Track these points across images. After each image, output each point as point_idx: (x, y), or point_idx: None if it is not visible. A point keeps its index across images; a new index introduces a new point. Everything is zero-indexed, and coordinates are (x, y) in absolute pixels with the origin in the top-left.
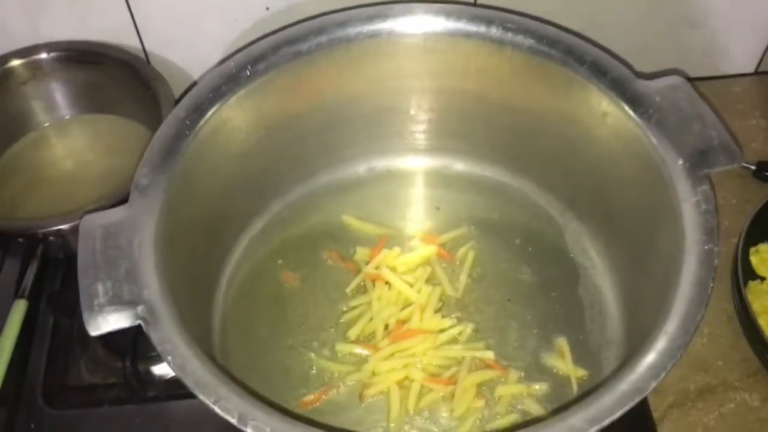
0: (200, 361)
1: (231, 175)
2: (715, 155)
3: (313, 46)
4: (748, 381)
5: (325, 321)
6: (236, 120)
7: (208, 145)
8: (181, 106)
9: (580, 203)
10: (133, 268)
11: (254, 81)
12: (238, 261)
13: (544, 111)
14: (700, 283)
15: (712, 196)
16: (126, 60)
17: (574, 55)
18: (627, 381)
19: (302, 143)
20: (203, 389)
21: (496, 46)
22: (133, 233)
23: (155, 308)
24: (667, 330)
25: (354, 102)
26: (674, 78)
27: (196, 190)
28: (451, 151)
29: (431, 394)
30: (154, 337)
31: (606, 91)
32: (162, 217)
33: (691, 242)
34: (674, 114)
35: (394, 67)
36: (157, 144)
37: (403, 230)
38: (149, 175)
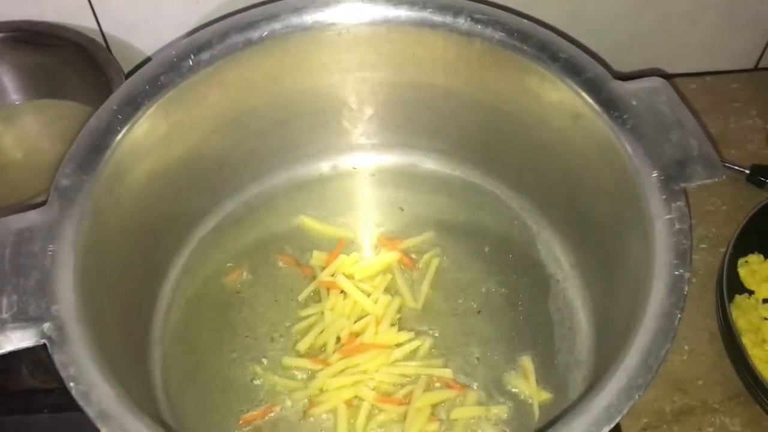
0: (110, 387)
1: (174, 174)
2: (694, 167)
3: (264, 34)
4: (729, 404)
5: (274, 331)
6: (178, 114)
7: (144, 142)
8: (113, 98)
9: (554, 210)
10: (44, 280)
11: (198, 71)
12: (185, 265)
13: (516, 110)
14: (666, 314)
15: (687, 214)
16: (79, 42)
17: (548, 51)
18: (578, 423)
19: (257, 139)
20: (106, 422)
21: (465, 39)
22: (48, 240)
23: (64, 326)
24: (627, 366)
25: (312, 95)
26: (654, 79)
27: (130, 190)
28: (421, 149)
29: (382, 415)
30: (57, 359)
31: (579, 91)
32: (85, 223)
33: (661, 265)
34: (652, 119)
35: (355, 59)
36: (84, 140)
37: (365, 233)
38: (72, 175)
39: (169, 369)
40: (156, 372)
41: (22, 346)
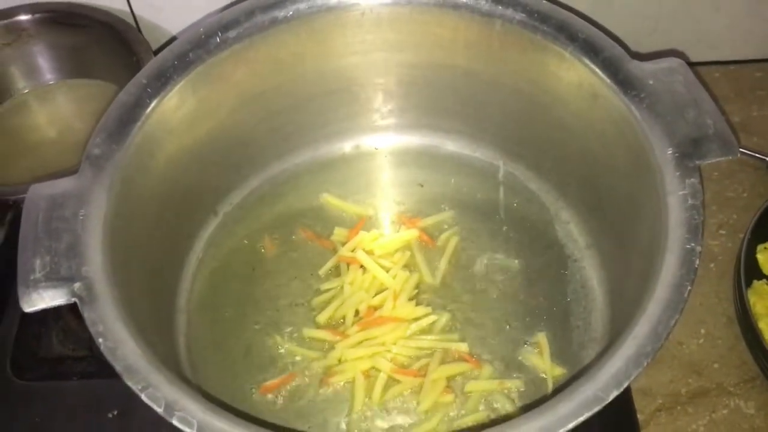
0: (135, 345)
1: (201, 149)
2: (709, 145)
3: (290, 14)
4: (744, 387)
5: (295, 304)
6: (205, 90)
7: (173, 116)
8: (143, 73)
9: (572, 191)
10: (75, 243)
11: (225, 49)
12: (209, 238)
13: (535, 91)
14: (677, 285)
15: (700, 190)
16: (110, 23)
17: (566, 31)
18: (586, 388)
19: (282, 117)
20: (132, 376)
21: (486, 20)
22: (79, 205)
23: (94, 286)
24: (637, 334)
25: (336, 75)
26: (672, 60)
27: (158, 163)
28: (443, 130)
29: (398, 386)
30: (87, 316)
31: (597, 71)
32: (115, 190)
33: (674, 239)
34: (668, 98)
35: (378, 39)
36: (115, 112)
37: (385, 212)
38: (103, 145)
39: (193, 336)
40: (180, 339)
41: (54, 304)
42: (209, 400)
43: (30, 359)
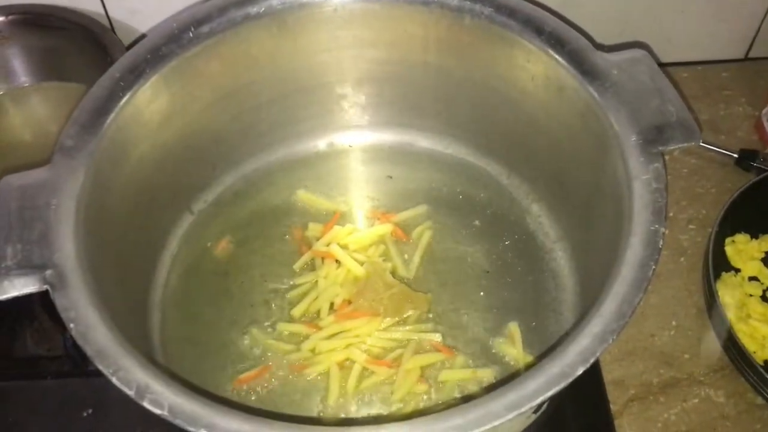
0: (107, 329)
1: (174, 145)
2: (671, 132)
3: (262, 9)
4: (714, 376)
5: (270, 299)
6: (178, 85)
7: (146, 110)
8: (116, 67)
9: (542, 184)
10: (47, 231)
11: (198, 44)
12: (184, 235)
13: (504, 86)
14: (641, 265)
15: (663, 175)
16: (86, 26)
17: (533, 25)
18: (554, 365)
19: (256, 113)
20: (103, 359)
21: (455, 15)
22: (51, 195)
23: (65, 273)
24: (602, 313)
25: (309, 72)
26: (636, 51)
27: (131, 157)
28: (415, 127)
29: (373, 377)
30: (58, 303)
31: (563, 62)
32: (87, 181)
33: (638, 222)
34: (632, 88)
35: (350, 35)
36: (88, 104)
37: (359, 207)
38: (75, 136)
39: (168, 332)
40: (155, 334)
41: (26, 292)
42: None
43: (4, 359)
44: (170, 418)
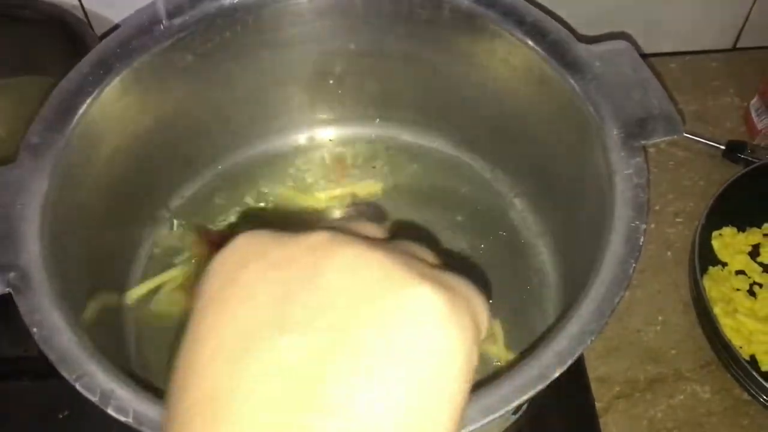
0: (72, 334)
1: (148, 139)
2: (654, 125)
3: (236, 1)
4: (700, 372)
5: None
6: (149, 79)
7: (116, 105)
8: (84, 61)
9: (524, 179)
10: (11, 232)
11: (170, 36)
12: (161, 232)
13: (486, 79)
14: (621, 263)
15: (645, 170)
16: (60, 18)
17: (514, 15)
18: (531, 367)
19: (233, 108)
20: (65, 365)
21: (434, 5)
22: (16, 194)
23: (29, 276)
24: (581, 313)
25: (287, 64)
26: (619, 42)
27: (103, 153)
28: (397, 121)
29: None
30: (21, 306)
31: (544, 54)
32: (54, 180)
33: (619, 219)
34: (614, 80)
35: (327, 27)
36: (55, 100)
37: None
38: (42, 133)
39: (143, 336)
40: (130, 338)
41: None
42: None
43: None
44: (135, 425)
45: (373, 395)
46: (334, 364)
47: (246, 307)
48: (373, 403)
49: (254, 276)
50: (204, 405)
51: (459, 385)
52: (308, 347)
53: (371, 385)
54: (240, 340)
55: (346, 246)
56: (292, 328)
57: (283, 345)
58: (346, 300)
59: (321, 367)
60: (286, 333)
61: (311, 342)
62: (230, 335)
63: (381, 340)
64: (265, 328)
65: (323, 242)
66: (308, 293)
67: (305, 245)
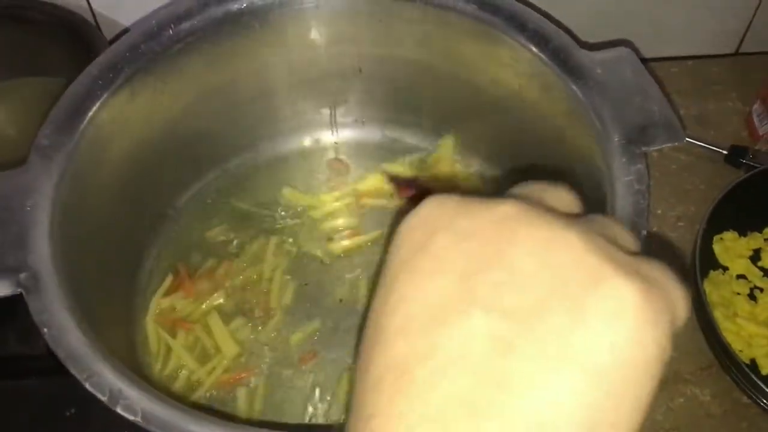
0: (81, 334)
1: (157, 142)
2: (655, 132)
3: (244, 5)
4: (700, 375)
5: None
6: (158, 83)
7: (125, 108)
8: (94, 65)
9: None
10: (22, 233)
11: (179, 41)
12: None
13: (490, 84)
14: None
15: (646, 176)
16: (68, 20)
17: (516, 22)
18: None
19: (239, 110)
20: (75, 364)
21: (440, 12)
22: (27, 196)
23: (40, 276)
24: None
25: (293, 68)
26: (621, 49)
27: (111, 156)
28: (402, 124)
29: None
30: (32, 306)
31: (547, 61)
32: (64, 182)
33: None
34: (616, 87)
35: (334, 32)
36: (65, 104)
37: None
38: (52, 136)
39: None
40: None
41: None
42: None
43: None
44: (144, 425)
45: (555, 395)
46: (521, 355)
47: (435, 279)
48: (554, 402)
49: (442, 246)
50: (393, 374)
51: (646, 388)
52: (495, 331)
53: (555, 383)
54: (429, 314)
55: (537, 223)
56: (480, 307)
57: (472, 324)
58: (536, 285)
59: (506, 358)
60: (475, 311)
61: (499, 325)
62: (420, 307)
63: (570, 334)
64: (453, 304)
65: (513, 215)
66: (499, 270)
67: (494, 217)
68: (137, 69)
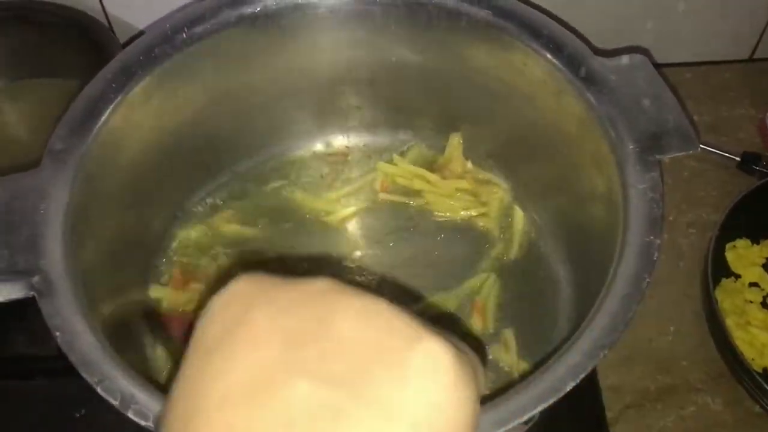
0: (93, 338)
1: (167, 144)
2: (669, 140)
3: (257, 10)
4: (712, 383)
5: None
6: (171, 86)
7: (138, 112)
8: (108, 68)
9: (540, 190)
10: (34, 236)
11: (192, 45)
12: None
13: (503, 88)
14: (635, 278)
15: (660, 184)
16: (81, 22)
17: (530, 28)
18: (544, 379)
19: (251, 114)
20: (87, 368)
21: (452, 17)
22: (40, 199)
23: (52, 280)
24: (594, 327)
25: (305, 73)
26: (634, 56)
27: (123, 159)
28: (413, 129)
29: None
30: (45, 310)
31: (560, 67)
32: (76, 185)
33: (633, 233)
34: (630, 94)
35: (347, 36)
36: (78, 106)
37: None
38: (65, 139)
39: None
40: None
41: (12, 298)
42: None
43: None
44: (154, 429)
45: None
46: (350, 418)
47: (255, 351)
48: None
49: (263, 319)
50: None
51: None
52: (322, 397)
53: None
54: (252, 385)
55: (353, 295)
56: (306, 375)
57: (298, 392)
58: (359, 350)
59: (336, 422)
60: (301, 379)
61: (326, 392)
62: (241, 380)
63: (394, 393)
64: (279, 374)
65: (330, 289)
66: (321, 340)
67: (312, 291)
68: (151, 72)
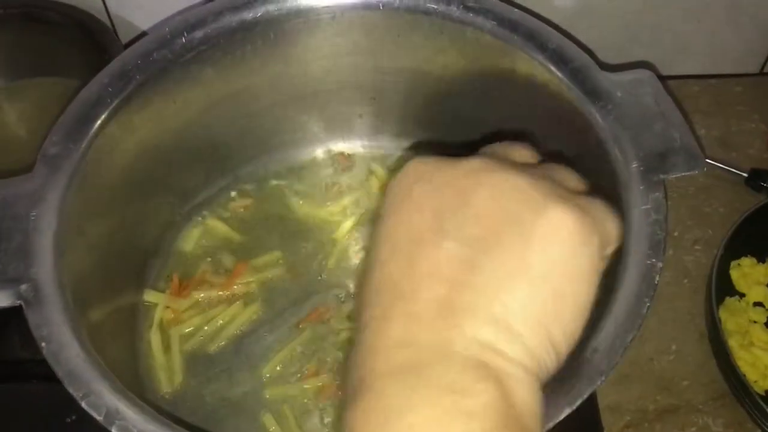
0: (80, 350)
1: (165, 149)
2: (674, 159)
3: (259, 15)
4: (713, 404)
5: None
6: (169, 90)
7: (135, 116)
8: (105, 72)
9: None
10: (25, 243)
11: (191, 49)
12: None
13: (507, 99)
14: (635, 301)
15: (663, 205)
16: (84, 22)
17: (536, 40)
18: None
19: (251, 120)
20: (72, 381)
21: (458, 27)
22: (32, 205)
23: (41, 288)
24: (593, 350)
25: (307, 79)
26: (641, 71)
27: (119, 164)
28: (415, 137)
29: None
30: (31, 320)
31: (566, 80)
32: (71, 191)
33: (635, 255)
34: (635, 111)
35: (349, 43)
36: (73, 111)
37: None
38: (59, 144)
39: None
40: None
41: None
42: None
43: None
44: None
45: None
46: (483, 271)
47: (415, 217)
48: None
49: (422, 193)
50: (386, 286)
51: (583, 286)
52: (461, 254)
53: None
54: (410, 241)
55: (496, 171)
56: (449, 237)
57: (443, 249)
58: (493, 219)
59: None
60: (445, 240)
61: (464, 250)
62: (403, 237)
63: (520, 253)
64: (429, 234)
65: (477, 168)
66: (462, 210)
67: (463, 170)
68: (148, 77)
